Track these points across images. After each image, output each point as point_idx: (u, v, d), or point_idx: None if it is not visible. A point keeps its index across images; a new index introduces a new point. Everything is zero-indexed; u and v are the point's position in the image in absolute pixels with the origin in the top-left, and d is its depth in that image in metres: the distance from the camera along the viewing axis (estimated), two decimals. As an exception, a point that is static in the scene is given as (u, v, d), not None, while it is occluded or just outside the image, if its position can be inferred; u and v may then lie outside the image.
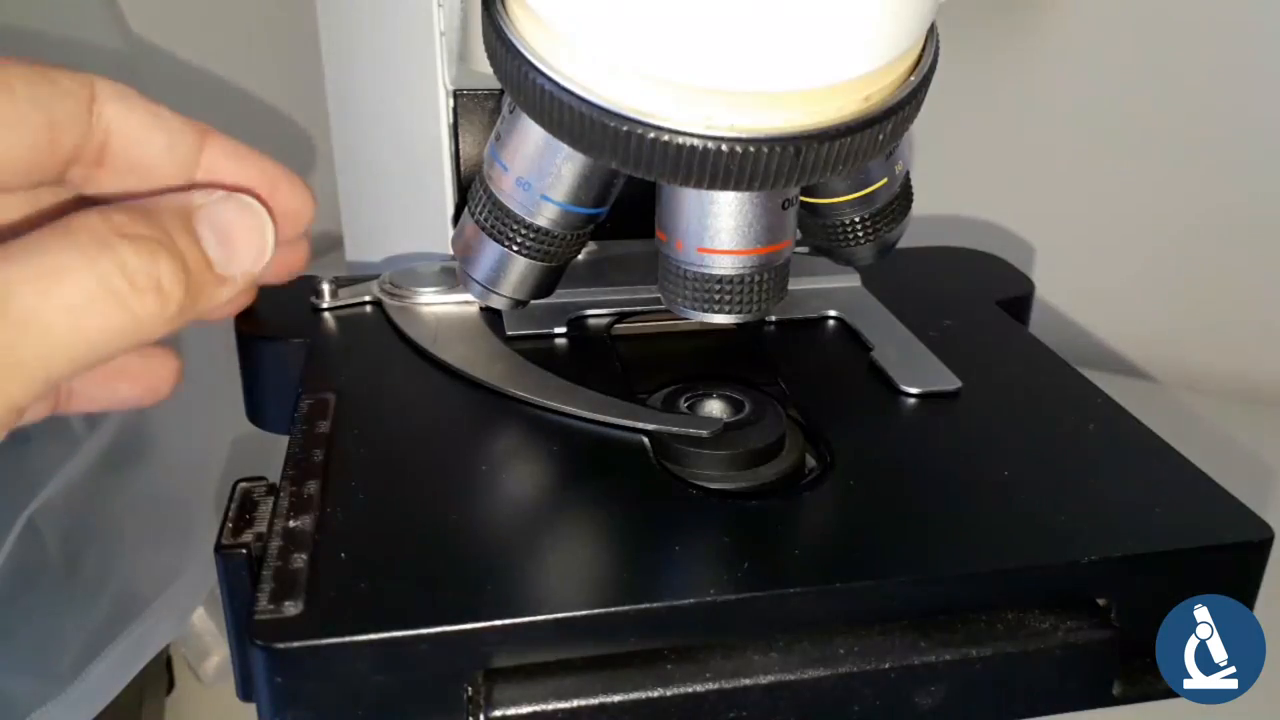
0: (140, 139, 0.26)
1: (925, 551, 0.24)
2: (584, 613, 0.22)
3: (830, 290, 0.37)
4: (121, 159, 0.26)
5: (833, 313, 0.36)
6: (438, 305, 0.35)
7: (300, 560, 0.23)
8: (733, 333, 0.35)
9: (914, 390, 0.31)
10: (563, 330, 0.34)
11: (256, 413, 0.35)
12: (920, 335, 0.34)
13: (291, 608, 0.22)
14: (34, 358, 0.20)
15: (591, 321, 0.35)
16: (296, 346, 0.33)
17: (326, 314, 0.35)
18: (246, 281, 0.26)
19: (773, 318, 0.36)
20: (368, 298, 0.36)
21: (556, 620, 0.22)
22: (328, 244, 0.73)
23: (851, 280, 0.38)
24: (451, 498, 0.26)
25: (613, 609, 0.22)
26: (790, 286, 0.36)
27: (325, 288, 0.35)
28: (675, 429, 0.28)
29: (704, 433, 0.28)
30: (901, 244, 0.38)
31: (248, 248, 0.26)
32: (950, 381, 0.32)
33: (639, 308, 0.36)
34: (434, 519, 0.25)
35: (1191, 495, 0.27)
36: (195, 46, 0.64)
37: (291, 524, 0.24)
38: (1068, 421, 0.30)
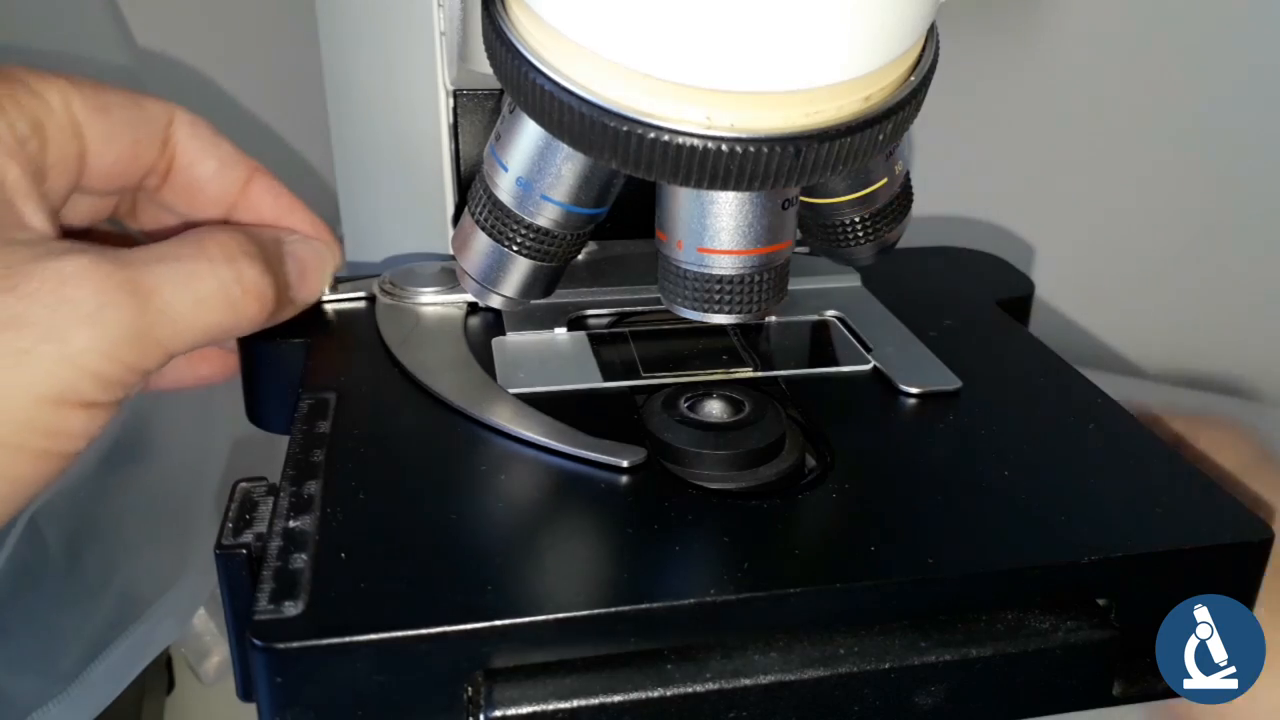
0: (197, 162, 0.32)
1: (925, 552, 0.24)
2: (584, 613, 0.22)
3: (830, 290, 0.37)
4: (181, 176, 0.32)
5: (832, 313, 0.36)
6: (428, 305, 0.35)
7: (300, 560, 0.23)
8: (733, 330, 0.35)
9: (914, 390, 0.31)
10: (563, 331, 0.34)
11: (256, 413, 0.35)
12: (920, 335, 0.34)
13: (291, 608, 0.22)
14: (165, 337, 0.26)
15: (591, 322, 0.35)
16: (296, 346, 0.33)
17: (327, 314, 0.35)
18: (302, 308, 0.33)
19: (772, 318, 0.36)
20: (363, 293, 0.36)
21: (556, 621, 0.22)
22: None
23: (851, 280, 0.38)
24: (452, 497, 0.26)
25: (612, 609, 0.22)
26: (790, 286, 0.36)
27: None
28: (597, 455, 0.27)
29: (624, 462, 0.27)
30: (901, 244, 0.38)
31: (313, 282, 0.33)
32: (950, 381, 0.32)
33: (639, 308, 0.36)
34: (434, 519, 0.25)
35: (1191, 495, 0.27)
36: (194, 46, 0.64)
37: (291, 524, 0.24)
38: (1068, 421, 0.30)
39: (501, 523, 0.26)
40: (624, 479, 0.27)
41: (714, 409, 0.30)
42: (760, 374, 0.32)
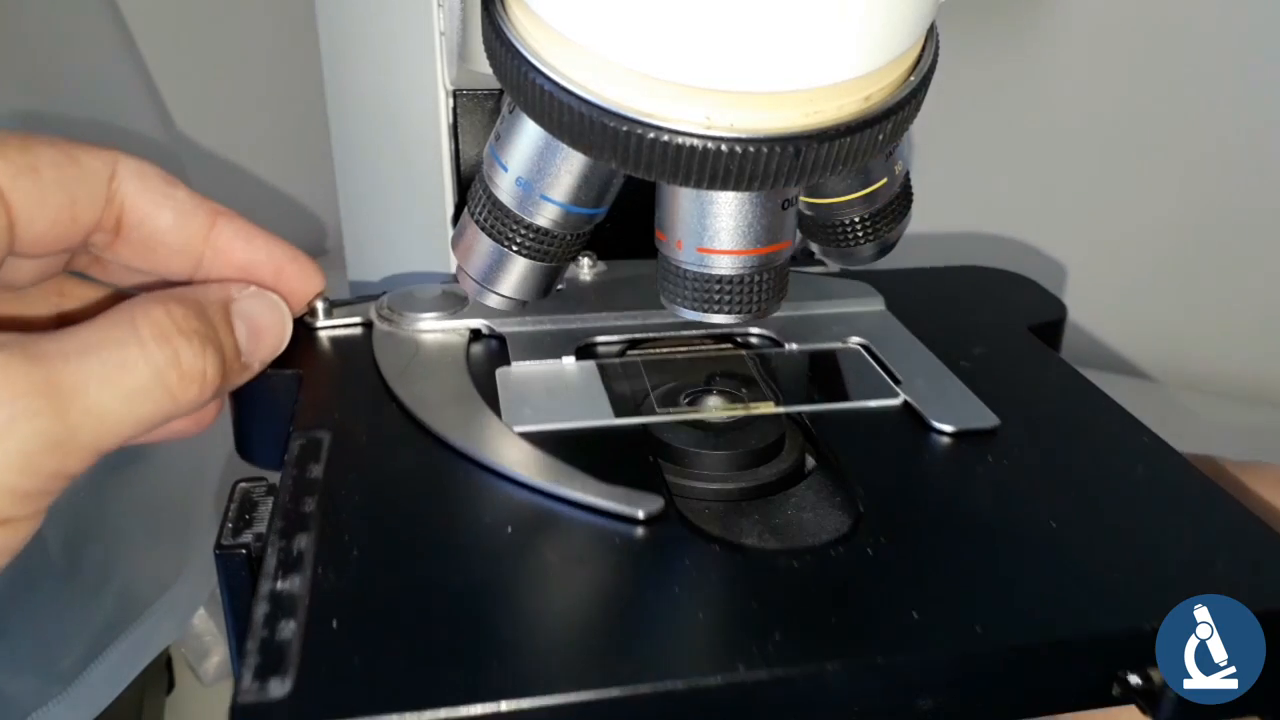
0: (151, 215, 0.29)
1: (971, 618, 0.22)
2: (599, 694, 0.20)
3: (854, 315, 0.35)
4: (135, 231, 0.29)
5: (857, 340, 0.34)
6: (429, 333, 0.33)
7: (288, 629, 0.21)
8: (751, 359, 0.33)
9: (949, 428, 0.29)
10: (571, 360, 0.32)
11: (246, 448, 0.33)
12: (951, 365, 0.32)
13: (278, 687, 0.20)
14: (91, 438, 0.24)
15: (601, 349, 0.34)
16: (288, 378, 0.31)
17: (323, 343, 0.33)
18: (260, 370, 0.30)
19: (793, 345, 0.34)
20: (359, 319, 0.34)
21: (569, 704, 0.20)
22: (331, 246, 0.73)
23: (875, 304, 0.36)
24: (454, 555, 0.24)
25: (630, 689, 0.20)
26: (811, 311, 0.34)
27: (319, 306, 0.33)
28: (611, 505, 0.25)
29: (639, 513, 0.25)
30: (925, 263, 0.37)
31: (269, 340, 0.30)
32: (987, 419, 0.29)
33: (651, 334, 0.34)
34: (435, 581, 0.23)
35: (1252, 547, 0.25)
36: (196, 43, 0.64)
37: (279, 586, 0.22)
38: (1114, 464, 0.28)
39: (508, 585, 0.23)
40: (641, 531, 0.25)
41: (714, 405, 0.30)
42: (783, 409, 0.30)
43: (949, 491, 0.27)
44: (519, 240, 0.29)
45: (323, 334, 0.33)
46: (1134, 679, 0.23)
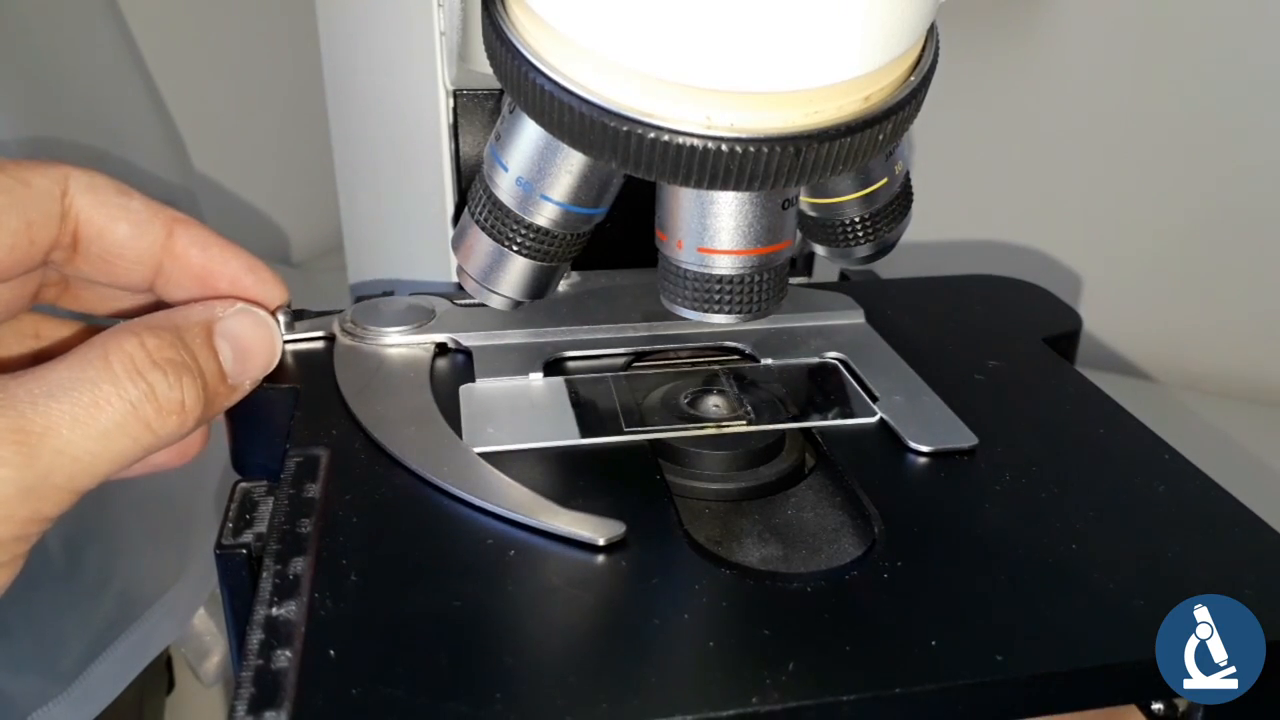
0: (107, 227, 0.29)
1: (992, 646, 0.21)
2: None
3: (832, 328, 0.35)
4: (93, 245, 0.29)
5: (834, 355, 0.33)
6: (393, 347, 0.32)
7: (284, 658, 0.20)
8: (726, 375, 0.33)
9: (924, 448, 0.28)
10: (538, 376, 0.31)
11: (242, 463, 0.32)
12: (966, 377, 0.32)
13: (273, 719, 0.19)
14: (66, 480, 0.23)
15: (571, 365, 0.33)
16: (284, 392, 0.30)
17: (320, 358, 0.32)
18: (249, 391, 0.29)
19: (769, 360, 0.33)
20: (323, 333, 0.33)
21: None
22: (331, 246, 0.73)
23: (855, 318, 0.36)
24: (453, 580, 0.23)
25: None
26: (789, 324, 0.34)
27: (280, 319, 0.32)
28: (568, 530, 0.24)
29: (599, 539, 0.24)
30: (937, 272, 0.36)
31: (258, 359, 0.29)
32: (965, 438, 0.29)
33: (625, 349, 0.33)
34: (434, 607, 0.22)
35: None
36: (196, 40, 0.64)
37: (275, 611, 0.21)
38: (1136, 483, 0.28)
39: (512, 612, 0.23)
40: (650, 555, 0.24)
41: (714, 406, 0.30)
42: (756, 428, 0.30)
43: (965, 512, 0.26)
44: (519, 240, 0.29)
45: (286, 347, 0.32)
46: (1158, 707, 0.23)
